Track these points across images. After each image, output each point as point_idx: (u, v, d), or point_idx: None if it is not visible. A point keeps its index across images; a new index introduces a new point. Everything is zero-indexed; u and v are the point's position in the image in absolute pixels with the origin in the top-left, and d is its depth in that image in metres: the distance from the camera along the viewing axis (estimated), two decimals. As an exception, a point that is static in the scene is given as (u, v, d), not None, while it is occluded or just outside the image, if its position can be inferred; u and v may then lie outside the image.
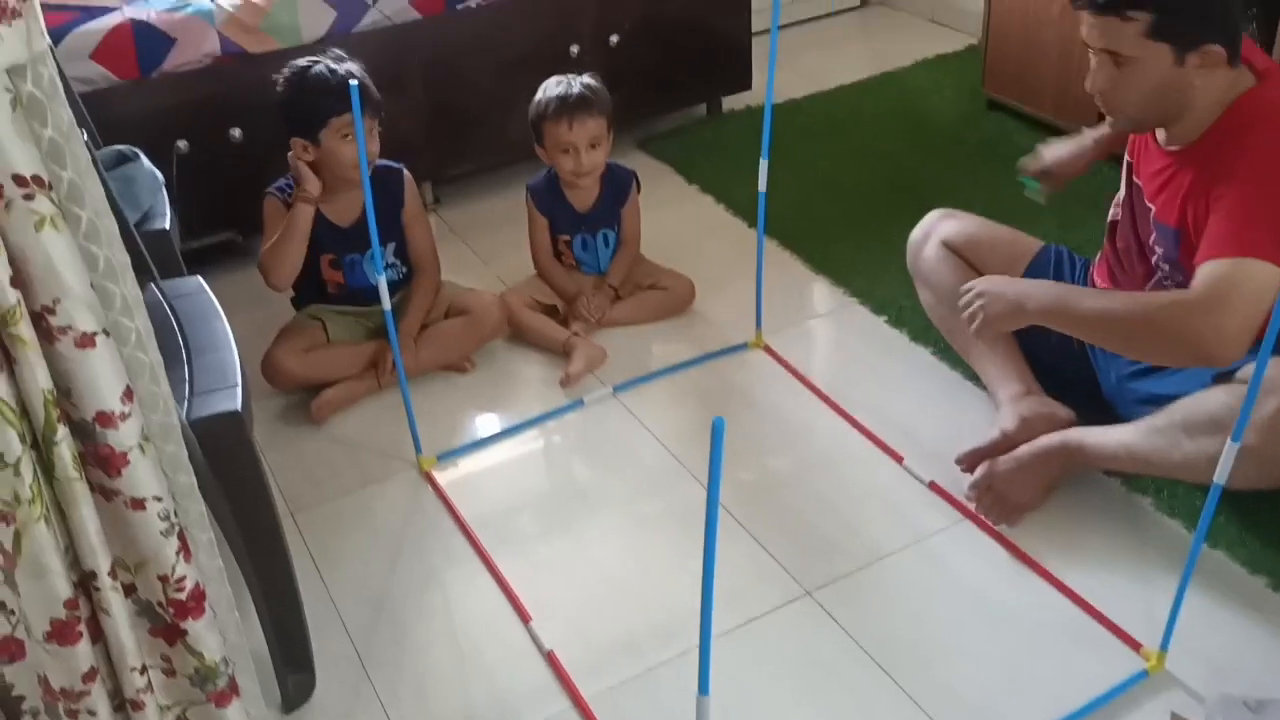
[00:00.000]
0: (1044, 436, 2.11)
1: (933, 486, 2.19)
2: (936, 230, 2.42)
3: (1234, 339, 1.76)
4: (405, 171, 2.61)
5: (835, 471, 2.26)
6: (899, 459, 2.26)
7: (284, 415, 2.53)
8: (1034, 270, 2.32)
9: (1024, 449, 2.10)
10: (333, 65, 2.43)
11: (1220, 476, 1.56)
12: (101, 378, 1.02)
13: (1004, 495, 2.08)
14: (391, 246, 2.60)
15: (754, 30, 3.61)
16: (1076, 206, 2.92)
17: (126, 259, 1.04)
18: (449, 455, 2.37)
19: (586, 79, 2.64)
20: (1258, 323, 1.75)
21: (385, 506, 2.26)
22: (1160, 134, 1.99)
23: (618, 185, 2.76)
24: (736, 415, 2.44)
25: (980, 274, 2.29)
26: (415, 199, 2.62)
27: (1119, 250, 2.16)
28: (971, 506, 2.12)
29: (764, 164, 2.38)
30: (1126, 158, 2.12)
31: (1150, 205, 2.01)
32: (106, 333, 1.02)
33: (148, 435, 1.09)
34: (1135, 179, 2.07)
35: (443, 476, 2.31)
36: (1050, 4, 3.24)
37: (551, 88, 2.63)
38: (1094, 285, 2.24)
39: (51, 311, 0.98)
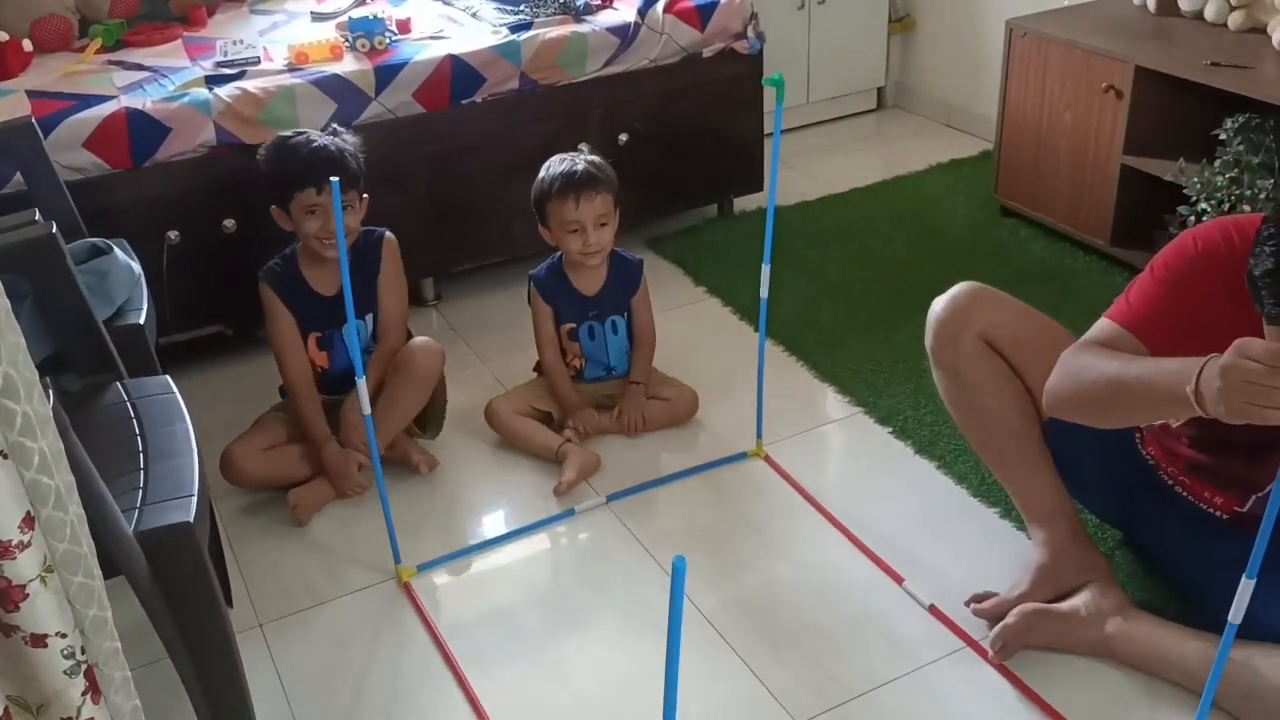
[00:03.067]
0: (1094, 605, 1.96)
1: (933, 611, 2.07)
2: (974, 319, 2.05)
3: None
4: (387, 234, 2.55)
5: (832, 591, 2.15)
6: (899, 580, 2.15)
7: (259, 514, 2.44)
8: None
9: (1069, 615, 1.96)
10: (314, 137, 2.43)
11: (1235, 616, 1.44)
12: (-4, 504, 0.93)
13: (1033, 644, 1.96)
14: (371, 319, 2.54)
15: (766, 131, 3.57)
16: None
17: (33, 375, 0.96)
18: (429, 565, 2.26)
19: (591, 156, 2.57)
20: None
21: (360, 619, 2.15)
22: None
23: (626, 272, 2.67)
24: (732, 528, 2.34)
25: (1020, 376, 2.05)
26: (393, 262, 2.55)
27: (1227, 451, 1.86)
28: (987, 641, 1.99)
29: (766, 270, 2.31)
30: None
31: None
32: (4, 455, 0.93)
33: (51, 566, 1.00)
34: None
35: (422, 588, 2.21)
36: (1064, 112, 3.19)
37: (555, 165, 2.55)
38: (1148, 446, 2.03)
39: (-60, 432, 0.89)
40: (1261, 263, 1.51)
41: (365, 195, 2.48)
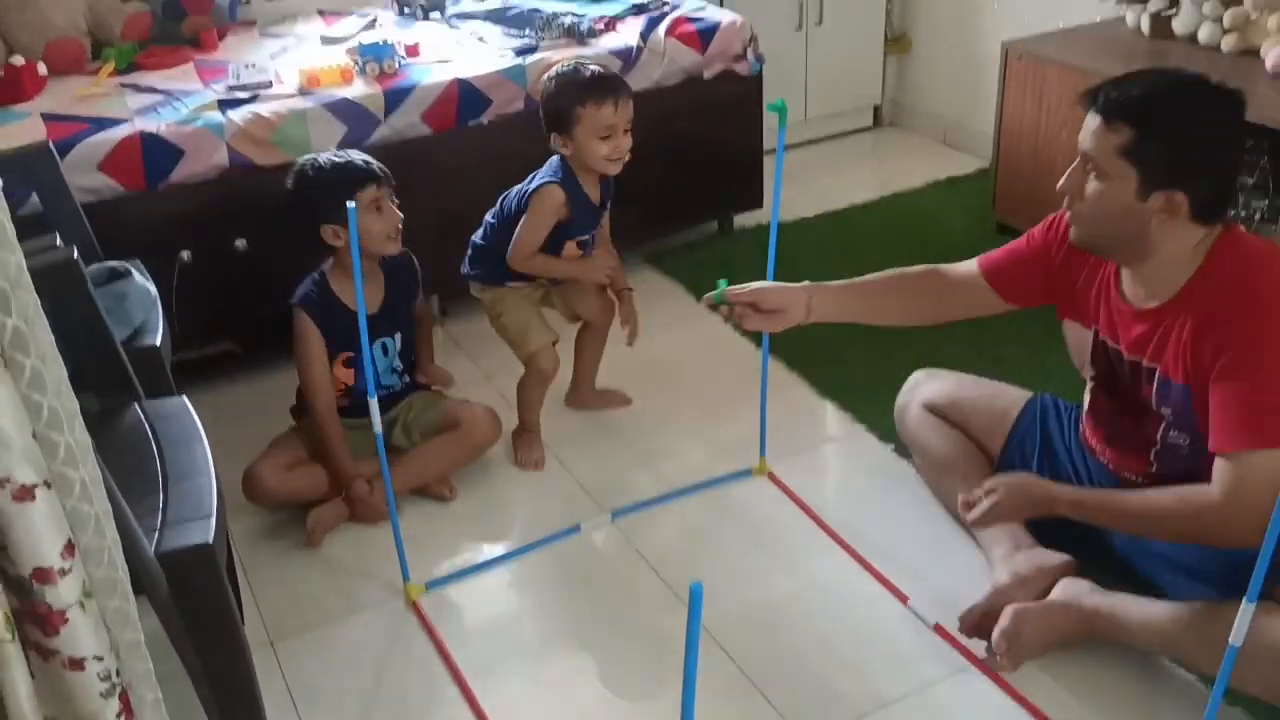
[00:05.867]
0: (1068, 591, 2.02)
1: (938, 630, 2.10)
2: (918, 393, 2.42)
3: (1259, 532, 1.63)
4: (412, 255, 2.63)
5: (837, 610, 2.18)
6: (904, 599, 2.18)
7: (271, 533, 2.46)
8: (1022, 425, 2.29)
9: (1050, 602, 2.02)
10: (337, 152, 2.49)
11: (1236, 638, 1.48)
12: (41, 532, 0.97)
13: (1029, 644, 1.99)
14: (400, 338, 2.58)
15: (766, 149, 3.61)
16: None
17: (74, 405, 0.99)
18: (438, 583, 2.29)
19: (600, 66, 2.54)
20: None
21: (370, 636, 2.18)
22: (1132, 290, 1.94)
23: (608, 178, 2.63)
24: (737, 545, 2.37)
25: (966, 434, 2.33)
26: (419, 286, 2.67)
27: (1117, 410, 2.07)
28: (994, 655, 2.01)
29: (769, 288, 2.34)
30: (1094, 327, 2.05)
31: (1147, 364, 1.93)
32: (48, 484, 0.97)
33: (89, 591, 1.03)
34: (1113, 344, 2.00)
35: (430, 605, 2.24)
36: (1060, 129, 3.23)
37: (569, 72, 2.46)
38: (1085, 435, 2.17)
39: (-12, 463, 0.93)
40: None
41: None
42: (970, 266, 2.18)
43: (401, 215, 2.49)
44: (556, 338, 2.66)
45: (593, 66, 2.50)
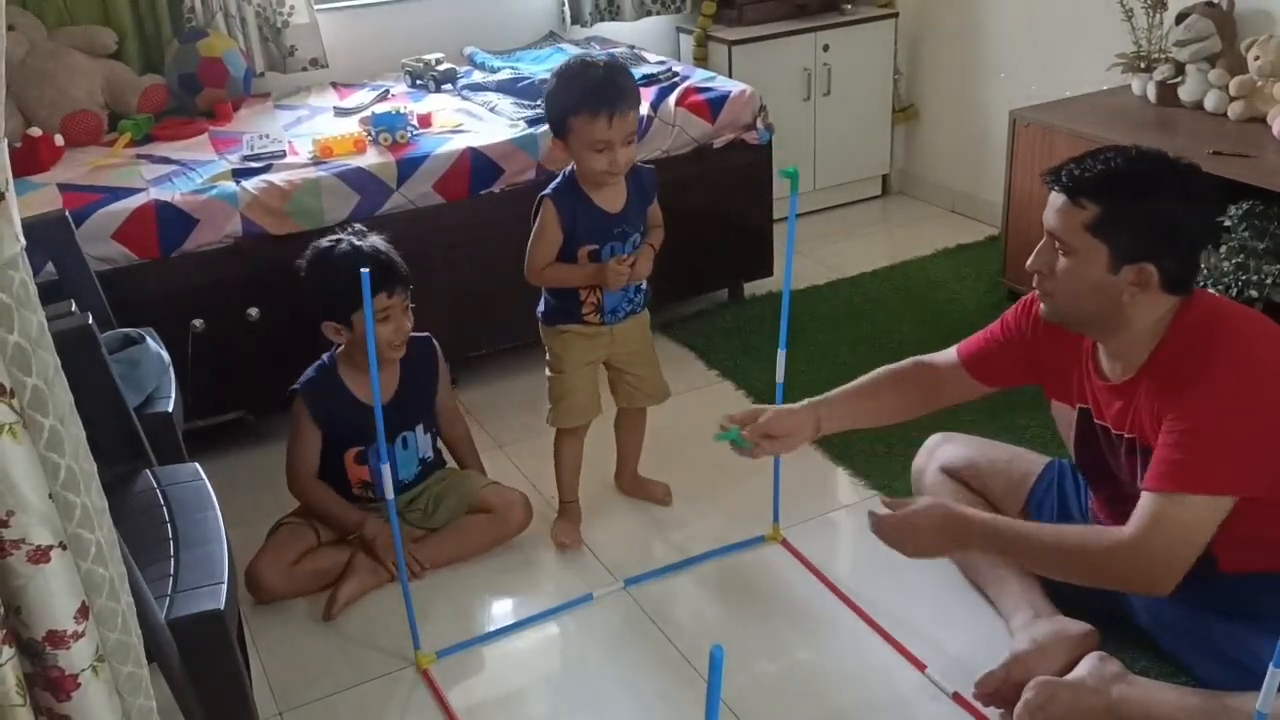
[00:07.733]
0: (1098, 673, 1.97)
1: (957, 698, 2.07)
2: (936, 456, 2.42)
3: (1170, 578, 1.78)
4: (433, 340, 2.55)
5: (853, 679, 2.15)
6: (922, 667, 2.15)
7: (282, 601, 2.44)
8: (1039, 490, 2.28)
9: (1082, 684, 1.95)
10: (355, 242, 2.37)
11: (1264, 705, 1.45)
12: (55, 594, 0.96)
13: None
14: (423, 429, 2.52)
15: (775, 218, 3.64)
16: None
17: (92, 467, 0.99)
18: (449, 652, 2.27)
19: (610, 61, 2.34)
20: (1195, 554, 1.77)
21: (379, 706, 2.16)
22: (1107, 366, 1.96)
23: (642, 183, 2.45)
24: (751, 613, 2.35)
25: (984, 498, 2.30)
26: (445, 370, 2.57)
27: (1117, 494, 2.05)
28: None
29: (781, 355, 2.35)
30: (1079, 404, 2.06)
31: (1128, 435, 1.95)
32: (64, 546, 0.96)
33: (103, 655, 1.02)
34: (1100, 421, 2.01)
35: (441, 675, 2.21)
36: (1070, 198, 3.25)
37: (576, 73, 2.26)
38: (1095, 514, 2.16)
39: (5, 524, 0.92)
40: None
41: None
42: (951, 356, 2.21)
43: (411, 323, 2.40)
44: (588, 421, 2.59)
45: (600, 62, 2.29)
